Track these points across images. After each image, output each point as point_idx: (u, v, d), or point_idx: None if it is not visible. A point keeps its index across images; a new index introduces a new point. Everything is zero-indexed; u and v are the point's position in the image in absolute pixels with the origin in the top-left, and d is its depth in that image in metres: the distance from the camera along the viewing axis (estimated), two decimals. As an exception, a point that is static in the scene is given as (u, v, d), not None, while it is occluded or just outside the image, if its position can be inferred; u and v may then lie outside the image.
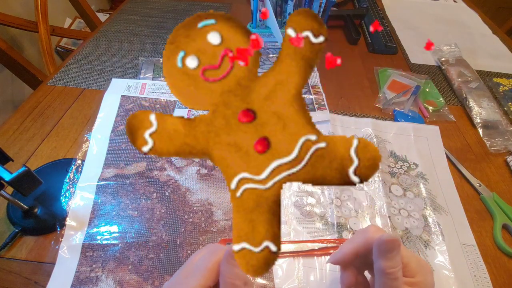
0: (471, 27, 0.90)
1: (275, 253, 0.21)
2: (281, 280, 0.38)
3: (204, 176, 0.48)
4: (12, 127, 0.54)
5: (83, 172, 0.47)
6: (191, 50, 0.23)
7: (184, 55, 0.23)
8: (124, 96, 0.59)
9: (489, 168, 0.52)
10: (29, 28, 0.97)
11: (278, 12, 0.74)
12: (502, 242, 0.42)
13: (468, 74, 0.69)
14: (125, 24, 0.81)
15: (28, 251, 0.39)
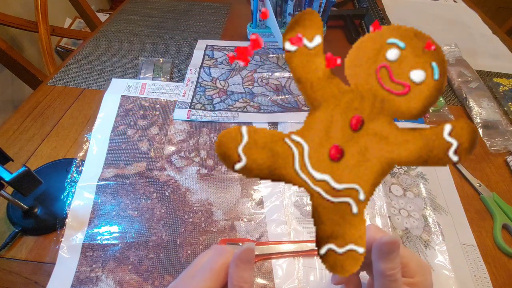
0: (471, 27, 0.90)
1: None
2: (281, 280, 0.38)
3: (204, 176, 0.48)
4: (12, 127, 0.54)
5: (83, 172, 0.47)
6: (409, 50, 0.22)
7: (398, 46, 0.22)
8: (124, 96, 0.59)
9: (489, 168, 0.52)
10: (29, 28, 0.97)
11: (278, 12, 0.74)
12: (502, 242, 0.42)
13: (468, 74, 0.69)
14: (125, 24, 0.81)
15: (28, 251, 0.39)
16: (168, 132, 0.54)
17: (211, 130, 0.55)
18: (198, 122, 0.56)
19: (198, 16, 0.85)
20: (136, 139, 0.52)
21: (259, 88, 0.63)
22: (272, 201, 0.45)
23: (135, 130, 0.54)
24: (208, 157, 0.51)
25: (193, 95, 0.60)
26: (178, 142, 0.52)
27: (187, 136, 0.53)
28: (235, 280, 0.23)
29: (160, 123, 0.55)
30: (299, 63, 0.22)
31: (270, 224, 0.43)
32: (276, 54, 0.73)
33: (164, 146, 0.52)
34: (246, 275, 0.23)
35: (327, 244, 0.21)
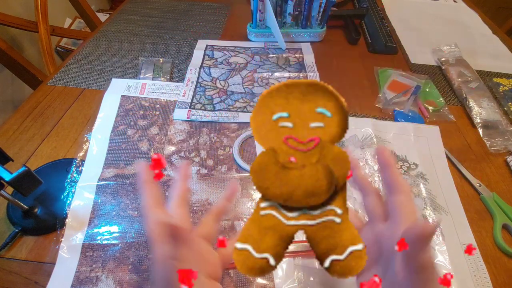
0: (471, 27, 0.90)
1: (272, 266, 0.22)
2: (281, 280, 0.38)
3: (204, 176, 0.48)
4: (12, 127, 0.54)
5: (83, 172, 0.47)
6: (295, 113, 0.24)
7: (284, 117, 0.24)
8: (124, 96, 0.59)
9: (489, 168, 0.52)
10: (29, 28, 0.97)
11: (278, 12, 0.74)
12: (502, 242, 0.42)
13: (468, 74, 0.69)
14: (125, 24, 0.81)
15: (28, 251, 0.39)
16: (168, 132, 0.54)
17: (211, 130, 0.55)
18: (198, 122, 0.56)
19: (198, 16, 0.85)
20: (136, 139, 0.52)
21: (259, 88, 0.63)
22: (272, 201, 0.45)
23: (135, 130, 0.54)
24: (208, 157, 0.51)
25: (193, 95, 0.60)
26: (178, 142, 0.52)
27: (187, 136, 0.53)
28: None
29: (160, 123, 0.55)
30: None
31: (270, 224, 0.43)
32: (276, 54, 0.72)
33: (164, 146, 0.52)
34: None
35: (329, 257, 0.22)
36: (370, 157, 0.51)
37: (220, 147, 0.52)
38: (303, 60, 0.72)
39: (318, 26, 0.77)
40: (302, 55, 0.73)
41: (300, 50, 0.75)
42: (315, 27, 0.77)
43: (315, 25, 0.77)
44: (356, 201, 0.46)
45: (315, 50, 0.75)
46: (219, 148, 0.52)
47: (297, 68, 0.69)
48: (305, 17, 0.74)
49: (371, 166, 0.50)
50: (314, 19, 0.75)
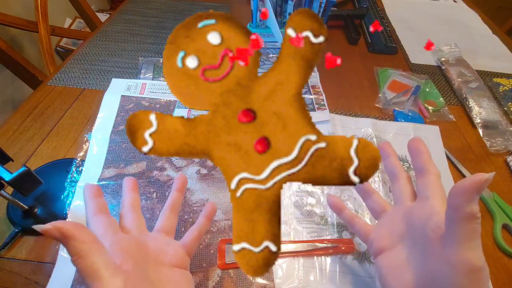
0: (471, 27, 0.90)
1: (275, 253, 0.21)
2: (281, 280, 0.38)
3: (204, 176, 0.48)
4: (12, 127, 0.54)
5: (83, 172, 0.47)
6: (191, 50, 0.23)
7: (184, 55, 0.23)
8: (124, 96, 0.59)
9: (489, 168, 0.52)
10: (29, 28, 0.97)
11: (278, 12, 0.74)
12: (502, 242, 0.42)
13: (468, 74, 0.69)
14: (125, 24, 0.81)
15: (28, 251, 0.39)
16: (168, 132, 0.54)
17: (211, 130, 0.54)
18: (198, 122, 0.56)
19: (198, 16, 0.85)
20: (136, 139, 0.52)
21: (259, 88, 0.63)
22: (272, 201, 0.45)
23: (135, 130, 0.53)
24: (208, 157, 0.51)
25: (193, 95, 0.60)
26: (178, 142, 0.52)
27: (187, 136, 0.53)
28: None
29: (160, 123, 0.55)
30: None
31: (270, 224, 0.43)
32: (276, 54, 0.73)
33: (164, 146, 0.51)
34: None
35: (347, 172, 0.20)
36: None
37: (220, 147, 0.52)
38: (303, 60, 0.72)
39: (318, 26, 0.77)
40: (302, 55, 0.73)
41: (300, 50, 0.75)
42: (315, 27, 0.77)
43: (315, 25, 0.76)
44: (356, 201, 0.46)
45: (315, 50, 0.75)
46: (219, 148, 0.52)
47: (297, 68, 0.69)
48: (305, 17, 0.74)
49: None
50: (314, 19, 0.75)
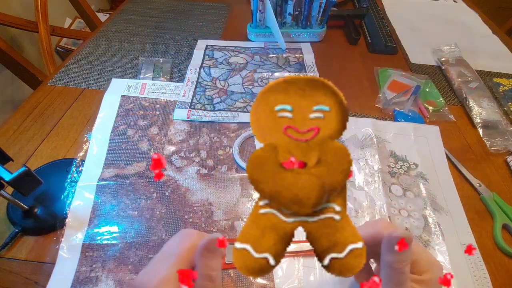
0: (471, 27, 0.90)
1: (271, 266, 0.22)
2: (281, 280, 0.38)
3: (204, 176, 0.48)
4: (12, 127, 0.54)
5: (83, 172, 0.47)
6: (296, 107, 0.24)
7: (285, 109, 0.24)
8: (124, 96, 0.59)
9: (489, 168, 0.52)
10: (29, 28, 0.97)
11: (278, 12, 0.74)
12: (502, 242, 0.42)
13: (468, 74, 0.69)
14: (125, 24, 0.81)
15: (28, 251, 0.39)
16: (168, 132, 0.54)
17: (211, 130, 0.55)
18: (198, 122, 0.56)
19: (198, 16, 0.85)
20: (136, 139, 0.52)
21: (259, 88, 0.63)
22: (272, 201, 0.45)
23: (135, 130, 0.54)
24: (208, 157, 0.51)
25: (193, 95, 0.60)
26: (178, 142, 0.52)
27: (187, 136, 0.53)
28: (202, 270, 0.23)
29: (160, 123, 0.55)
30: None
31: (270, 224, 0.43)
32: (276, 54, 0.73)
33: (164, 146, 0.52)
34: (213, 263, 0.23)
35: (328, 255, 0.22)
36: (370, 157, 0.51)
37: (220, 147, 0.52)
38: (303, 60, 0.72)
39: (318, 26, 0.77)
40: (302, 55, 0.73)
41: (300, 50, 0.75)
42: (315, 27, 0.77)
43: (315, 25, 0.77)
44: (356, 201, 0.46)
45: (315, 50, 0.75)
46: (219, 148, 0.52)
47: (297, 68, 0.69)
48: (305, 17, 0.74)
49: (371, 166, 0.50)
50: (314, 19, 0.75)
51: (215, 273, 0.23)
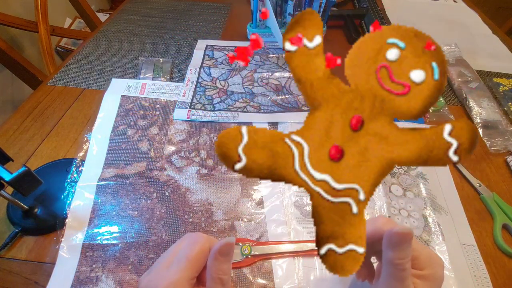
0: (471, 27, 0.90)
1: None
2: (281, 280, 0.38)
3: (204, 176, 0.48)
4: (12, 127, 0.54)
5: (83, 172, 0.47)
6: (407, 53, 0.22)
7: (399, 46, 0.21)
8: (124, 96, 0.59)
9: (489, 168, 0.52)
10: (29, 28, 0.97)
11: (278, 12, 0.74)
12: (502, 242, 0.42)
13: (468, 74, 0.69)
14: (125, 24, 0.81)
15: (28, 251, 0.39)
16: (168, 132, 0.54)
17: (211, 130, 0.55)
18: (198, 122, 0.56)
19: (198, 16, 0.85)
20: (136, 139, 0.52)
21: (259, 88, 0.63)
22: (272, 201, 0.45)
23: (135, 130, 0.54)
24: (208, 157, 0.51)
25: (193, 95, 0.60)
26: (178, 142, 0.52)
27: (187, 136, 0.53)
28: (214, 273, 0.23)
29: (160, 123, 0.55)
30: (299, 63, 0.22)
31: (270, 224, 0.43)
32: (276, 54, 0.72)
33: (164, 146, 0.52)
34: (225, 267, 0.23)
35: (327, 244, 0.21)
36: (370, 157, 0.51)
37: (220, 147, 0.52)
38: (303, 60, 0.71)
39: (318, 26, 0.77)
40: (302, 55, 0.73)
41: (300, 50, 0.75)
42: (315, 27, 0.77)
43: (315, 25, 0.76)
44: (356, 201, 0.46)
45: (315, 50, 0.75)
46: (219, 148, 0.52)
47: (297, 68, 0.69)
48: (305, 17, 0.74)
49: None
50: (314, 19, 0.75)
51: (226, 277, 0.23)
